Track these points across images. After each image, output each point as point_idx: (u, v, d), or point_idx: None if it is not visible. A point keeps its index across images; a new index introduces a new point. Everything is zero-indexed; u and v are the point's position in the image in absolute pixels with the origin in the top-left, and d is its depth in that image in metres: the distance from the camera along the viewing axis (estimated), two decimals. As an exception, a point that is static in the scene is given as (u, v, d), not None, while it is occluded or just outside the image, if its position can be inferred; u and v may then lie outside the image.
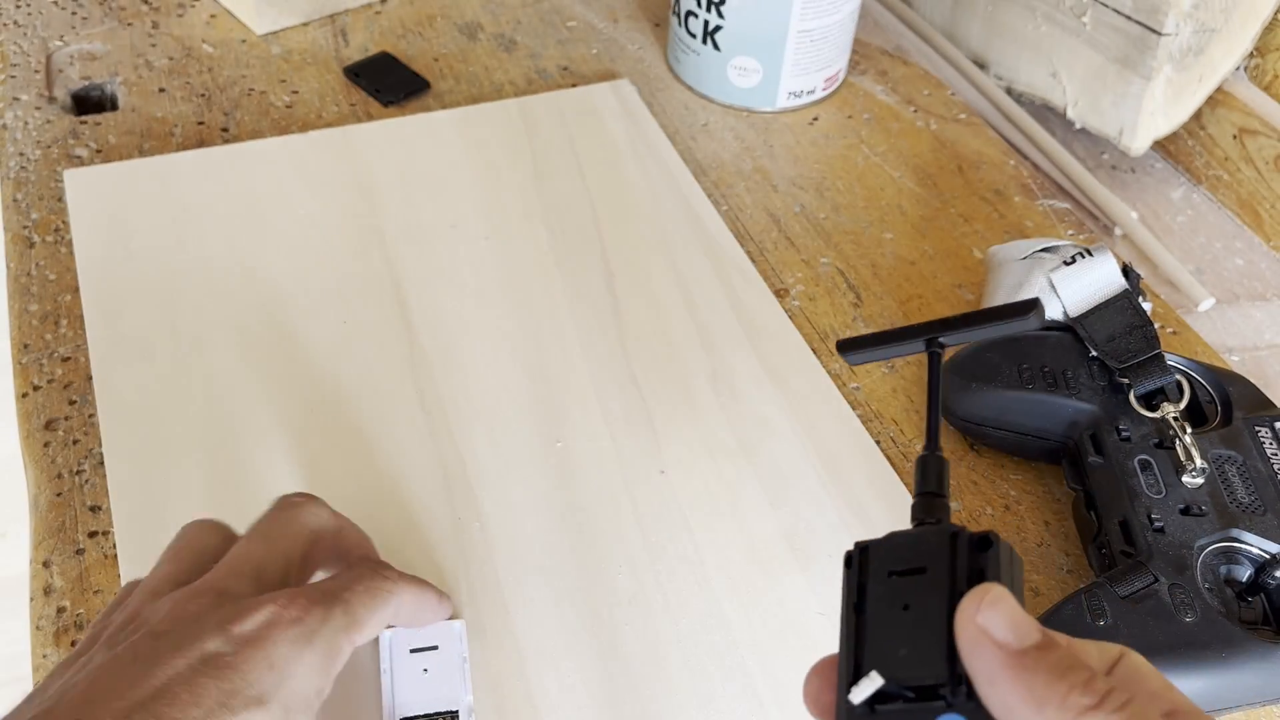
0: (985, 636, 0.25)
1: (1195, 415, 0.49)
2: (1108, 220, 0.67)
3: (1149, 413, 0.47)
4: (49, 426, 0.49)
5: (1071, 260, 0.52)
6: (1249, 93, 0.68)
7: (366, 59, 0.72)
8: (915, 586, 0.28)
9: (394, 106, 0.69)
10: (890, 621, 0.27)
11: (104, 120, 0.66)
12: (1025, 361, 0.49)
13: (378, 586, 0.37)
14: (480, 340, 0.54)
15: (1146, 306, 0.51)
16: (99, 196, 0.60)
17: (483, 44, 0.75)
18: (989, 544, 0.28)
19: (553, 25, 0.77)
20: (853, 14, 0.69)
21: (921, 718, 0.26)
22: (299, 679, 0.33)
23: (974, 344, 0.52)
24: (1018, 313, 0.31)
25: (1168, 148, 0.73)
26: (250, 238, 0.58)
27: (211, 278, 0.56)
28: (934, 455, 0.31)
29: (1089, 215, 0.68)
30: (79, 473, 0.48)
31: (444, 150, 0.65)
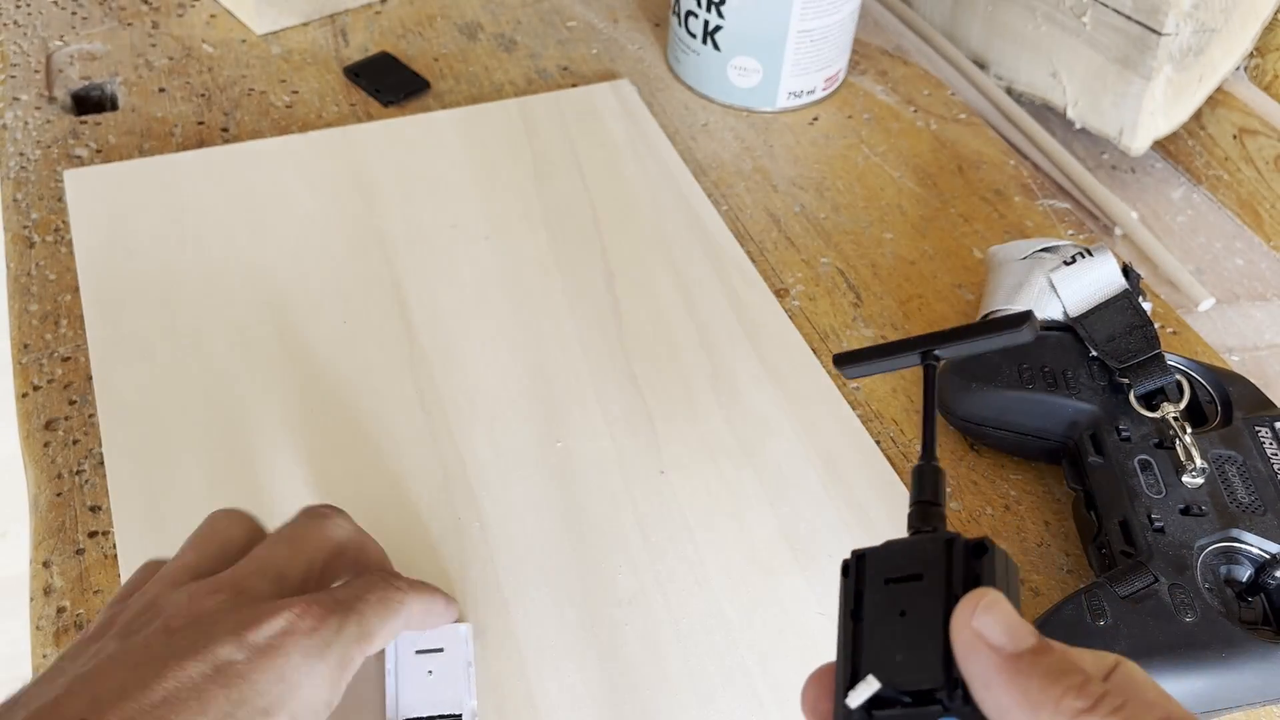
0: (980, 640, 0.26)
1: (1195, 415, 0.49)
2: (1108, 220, 0.67)
3: (1149, 413, 0.47)
4: (49, 426, 0.49)
5: (1071, 260, 0.52)
6: (1249, 93, 0.68)
7: (366, 59, 0.72)
8: (911, 593, 0.28)
9: (394, 106, 0.69)
10: (887, 628, 0.28)
11: (104, 120, 0.66)
12: (1025, 361, 0.49)
13: (389, 597, 0.37)
14: (480, 340, 0.54)
15: (1146, 306, 0.51)
16: (99, 196, 0.60)
17: (483, 44, 0.75)
18: (984, 550, 0.28)
19: (553, 25, 0.77)
20: (853, 14, 0.69)
21: None
22: (309, 691, 0.33)
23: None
24: (1011, 325, 0.32)
25: (1168, 148, 0.73)
26: (250, 238, 0.58)
27: (211, 278, 0.56)
28: (930, 465, 0.32)
29: (1089, 215, 0.68)
30: (79, 473, 0.48)
31: (444, 150, 0.65)
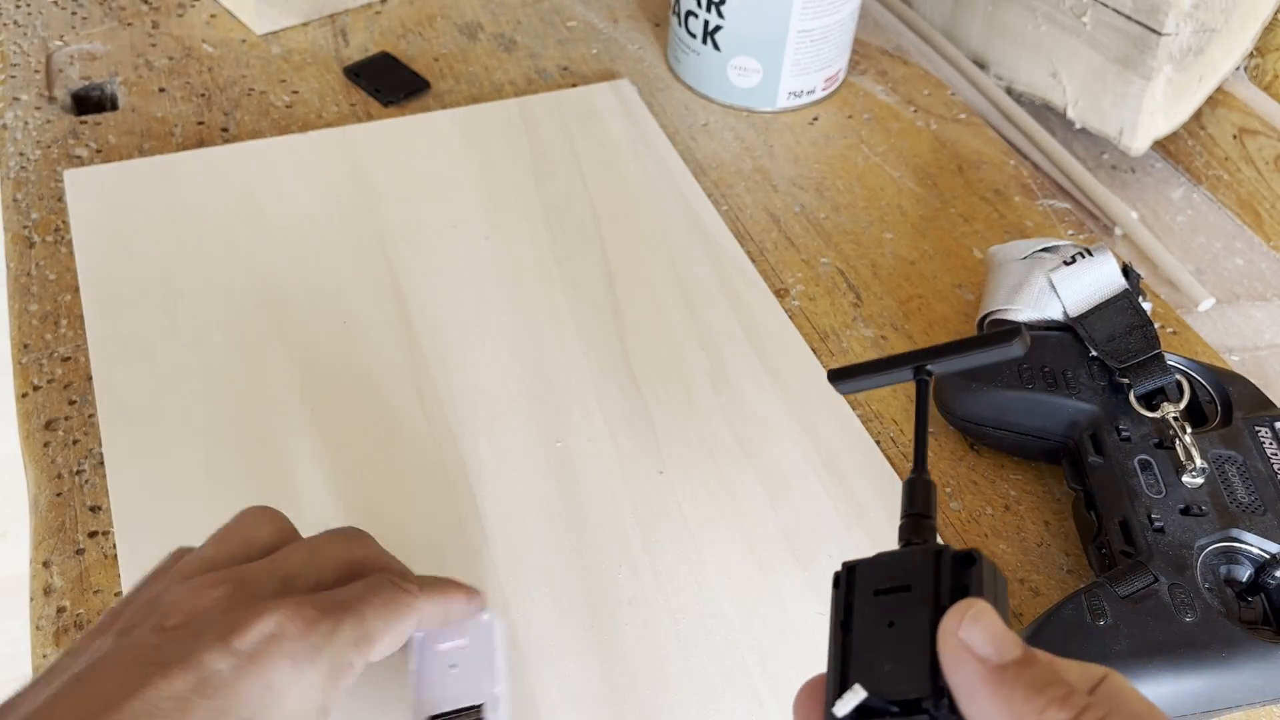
0: (966, 651, 0.26)
1: (1195, 415, 0.49)
2: (1108, 220, 0.67)
3: (1149, 413, 0.47)
4: (49, 426, 0.49)
5: (1071, 260, 0.52)
6: (1249, 93, 0.68)
7: (366, 59, 0.72)
8: (900, 604, 0.28)
9: (394, 106, 0.69)
10: (875, 638, 0.28)
11: (104, 120, 0.66)
12: (1025, 361, 0.49)
13: (395, 599, 0.36)
14: (480, 340, 0.54)
15: (1146, 306, 0.51)
16: (99, 196, 0.60)
17: (483, 44, 0.75)
18: (972, 561, 0.28)
19: (553, 25, 0.77)
20: (853, 14, 0.69)
21: None
22: (297, 698, 0.32)
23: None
24: (1002, 340, 0.32)
25: (1168, 148, 0.73)
26: (250, 238, 0.58)
27: (211, 278, 0.56)
28: (921, 478, 0.32)
29: (1089, 215, 0.68)
30: (79, 473, 0.48)
31: (444, 150, 0.65)
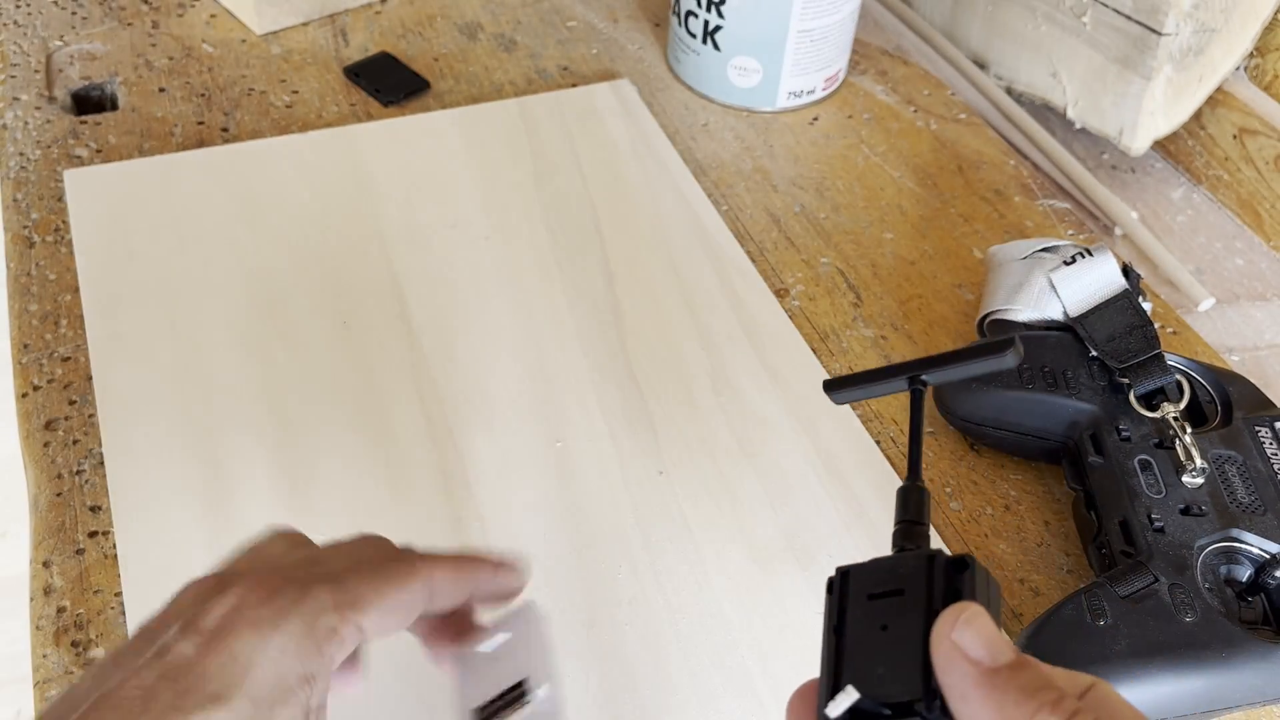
0: (959, 653, 0.26)
1: (1195, 415, 0.49)
2: (1108, 220, 0.67)
3: (1149, 413, 0.47)
4: (49, 426, 0.49)
5: (1071, 260, 0.52)
6: (1249, 93, 0.68)
7: (366, 59, 0.72)
8: (893, 608, 0.28)
9: (394, 106, 0.69)
10: (868, 641, 0.28)
11: (104, 120, 0.66)
12: (1025, 361, 0.49)
13: (385, 566, 0.34)
14: (480, 340, 0.54)
15: (1146, 306, 0.51)
16: (99, 196, 0.60)
17: (483, 44, 0.75)
18: (965, 566, 0.28)
19: (553, 25, 0.77)
20: (853, 14, 0.69)
21: None
22: (267, 666, 0.30)
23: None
24: (995, 351, 0.32)
25: (1168, 148, 0.73)
26: (250, 238, 0.58)
27: (211, 278, 0.56)
28: (915, 485, 0.32)
29: (1089, 215, 0.68)
30: (79, 473, 0.48)
31: (444, 150, 0.65)
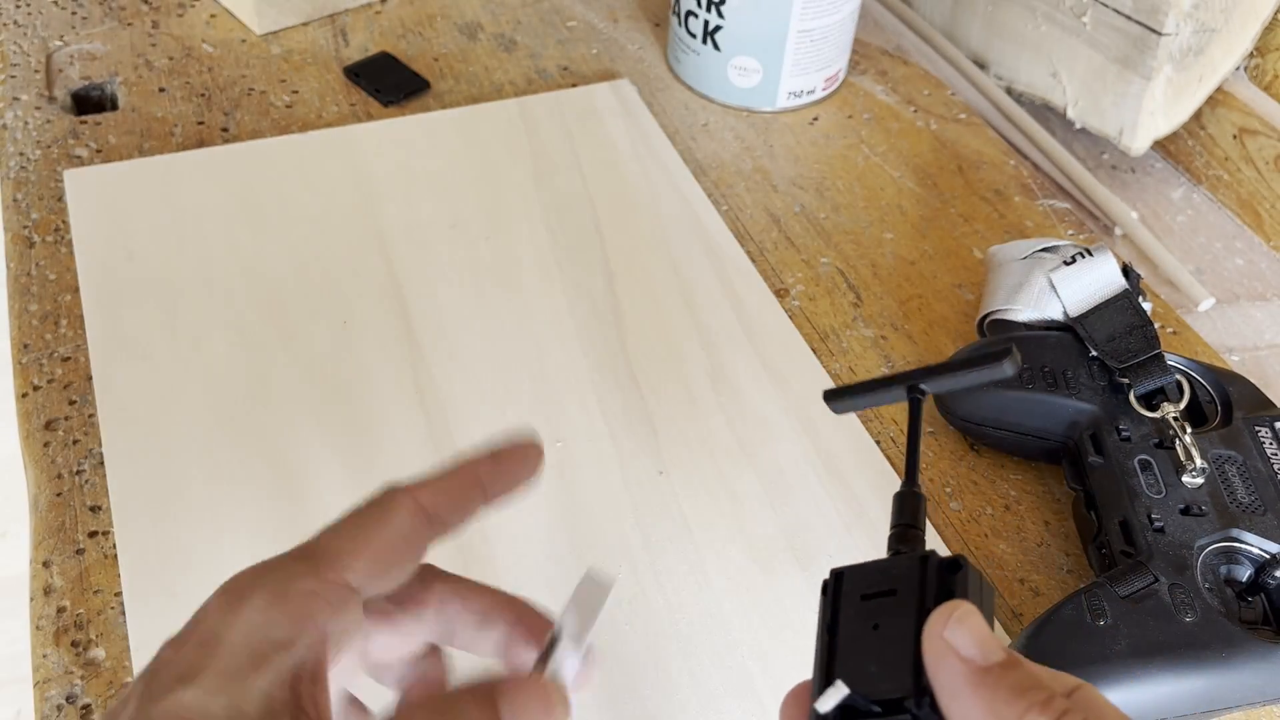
0: (950, 651, 0.26)
1: (1195, 415, 0.49)
2: (1108, 220, 0.67)
3: (1149, 413, 0.47)
4: (49, 426, 0.49)
5: (1071, 260, 0.52)
6: (1249, 93, 0.68)
7: (366, 59, 0.72)
8: (886, 607, 0.28)
9: (394, 106, 0.69)
10: (860, 640, 0.28)
11: (104, 120, 0.66)
12: (1025, 361, 0.49)
13: (361, 514, 0.31)
14: (480, 340, 0.54)
15: (1146, 306, 0.51)
16: (99, 196, 0.60)
17: (483, 44, 0.75)
18: (958, 567, 0.28)
19: (553, 25, 0.77)
20: (853, 14, 0.69)
21: None
22: (235, 640, 0.28)
23: (973, 346, 0.53)
24: (993, 359, 0.33)
25: (1168, 148, 0.73)
26: (250, 238, 0.58)
27: (211, 278, 0.56)
28: (911, 491, 0.32)
29: (1089, 215, 0.68)
30: (79, 473, 0.48)
31: (444, 150, 0.65)
